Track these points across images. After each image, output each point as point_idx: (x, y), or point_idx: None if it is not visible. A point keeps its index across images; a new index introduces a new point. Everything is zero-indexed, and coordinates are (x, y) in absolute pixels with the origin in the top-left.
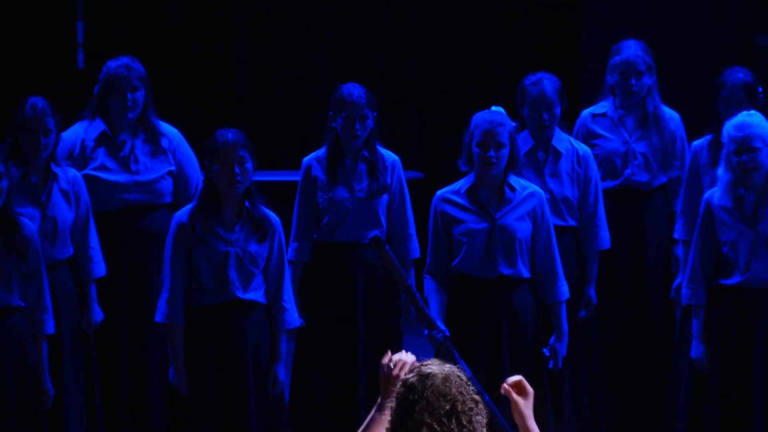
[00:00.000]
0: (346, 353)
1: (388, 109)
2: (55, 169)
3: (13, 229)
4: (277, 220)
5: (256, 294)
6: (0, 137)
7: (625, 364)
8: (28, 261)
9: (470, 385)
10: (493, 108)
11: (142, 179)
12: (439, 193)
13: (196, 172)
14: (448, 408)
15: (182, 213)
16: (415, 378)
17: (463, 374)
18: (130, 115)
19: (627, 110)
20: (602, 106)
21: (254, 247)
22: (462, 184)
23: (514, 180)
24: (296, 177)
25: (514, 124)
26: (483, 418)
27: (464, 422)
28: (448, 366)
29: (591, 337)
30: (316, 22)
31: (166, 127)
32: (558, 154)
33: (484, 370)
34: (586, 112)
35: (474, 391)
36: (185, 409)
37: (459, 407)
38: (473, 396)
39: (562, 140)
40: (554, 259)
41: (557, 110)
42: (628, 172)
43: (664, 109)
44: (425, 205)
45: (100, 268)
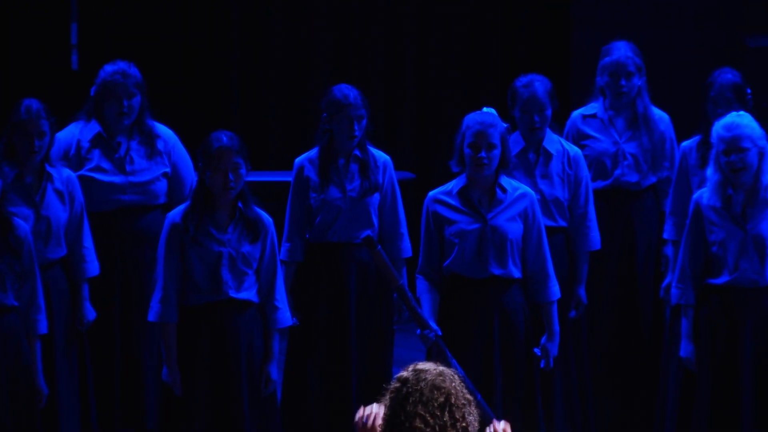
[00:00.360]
0: (339, 352)
1: (381, 110)
2: (50, 170)
3: (7, 229)
4: (270, 221)
5: (248, 293)
6: None
7: (615, 363)
8: (22, 261)
9: (464, 386)
10: (485, 109)
11: (137, 180)
12: (431, 194)
13: (191, 174)
14: (441, 400)
15: (175, 213)
16: (409, 373)
17: (457, 375)
18: (126, 121)
19: (617, 111)
20: (592, 107)
21: (247, 248)
22: (454, 185)
23: (506, 181)
24: (289, 177)
25: (505, 126)
26: (475, 419)
27: (457, 416)
28: (442, 366)
29: (581, 337)
30: (309, 23)
31: (162, 129)
32: (549, 156)
33: (476, 369)
34: (577, 113)
35: (467, 391)
36: (178, 408)
37: (453, 400)
38: (467, 395)
39: (553, 142)
40: (545, 259)
41: (548, 112)
42: (618, 172)
43: (654, 109)
44: (417, 206)
45: (93, 267)
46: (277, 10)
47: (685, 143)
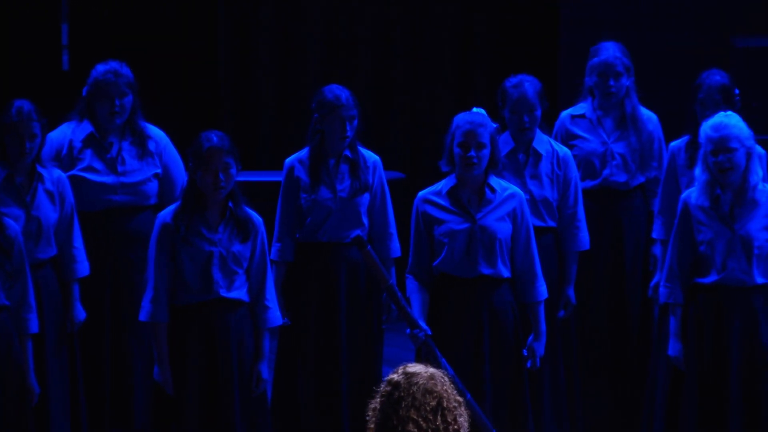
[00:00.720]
0: (329, 352)
1: (371, 110)
2: (40, 170)
3: None
4: (260, 221)
5: (239, 293)
6: None
7: (603, 362)
8: (12, 260)
9: (454, 387)
10: (475, 109)
11: (129, 181)
12: (421, 194)
13: (182, 174)
14: (434, 404)
15: (166, 213)
16: (400, 376)
17: (447, 375)
18: (118, 120)
19: (605, 111)
20: (581, 108)
21: (237, 247)
22: (443, 185)
23: (495, 181)
24: (279, 178)
25: (495, 126)
26: (466, 420)
27: (449, 419)
28: (432, 368)
29: (570, 337)
30: (298, 24)
31: (153, 130)
32: (538, 156)
33: (465, 368)
34: (565, 114)
35: (457, 392)
36: (170, 407)
37: (445, 404)
38: (457, 397)
39: (543, 142)
40: (533, 259)
41: (538, 112)
42: (606, 172)
43: (642, 110)
44: (407, 205)
45: (83, 267)
46: (267, 10)
47: (673, 143)
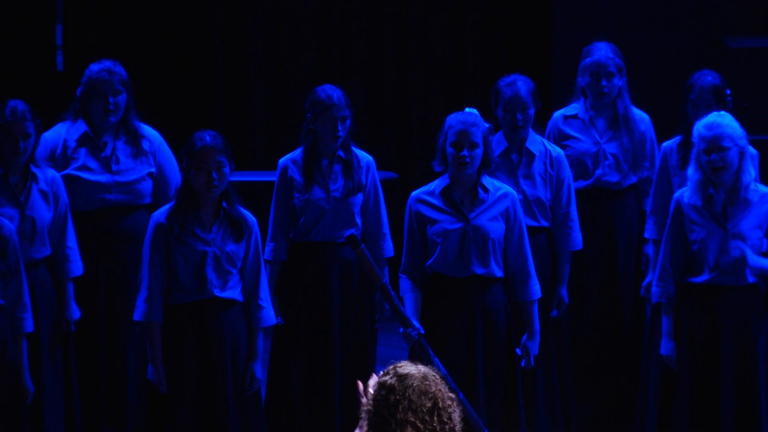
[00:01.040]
0: (323, 351)
1: (363, 110)
2: (34, 170)
3: None
4: (254, 221)
5: (233, 292)
6: None
7: (596, 361)
8: (7, 260)
9: (445, 383)
10: (467, 110)
11: (123, 180)
12: (414, 193)
13: (176, 174)
14: (429, 405)
15: (160, 213)
16: (393, 379)
17: (438, 373)
18: (112, 118)
19: (598, 111)
20: (573, 108)
21: (231, 247)
22: (436, 185)
23: (488, 181)
24: (272, 177)
25: (487, 125)
26: (458, 416)
27: (445, 419)
28: (422, 366)
29: (563, 336)
30: (291, 24)
31: (147, 130)
32: (531, 156)
33: (458, 367)
34: (558, 114)
35: (448, 388)
36: (164, 407)
37: (440, 404)
38: (449, 394)
39: (536, 142)
40: (526, 259)
41: (531, 111)
42: (599, 172)
43: (634, 110)
44: (400, 205)
45: (77, 267)
46: (259, 11)
47: (666, 144)
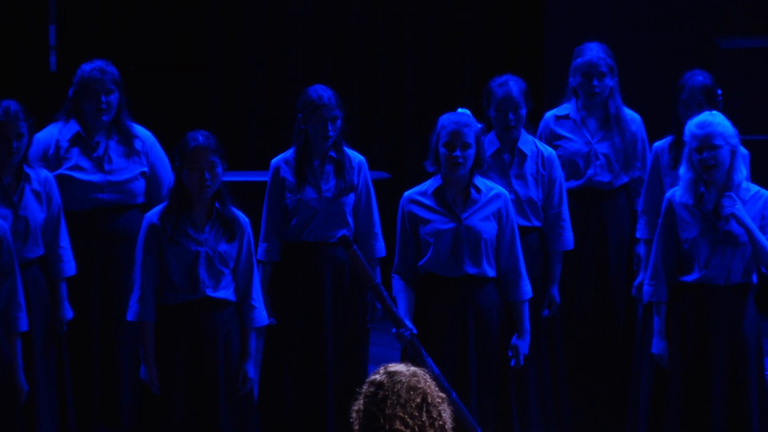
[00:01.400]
0: (315, 351)
1: (356, 111)
2: (27, 170)
3: None
4: (246, 221)
5: (225, 292)
6: None
7: (587, 361)
8: (1, 259)
9: (436, 383)
10: (460, 110)
11: (116, 179)
12: (407, 194)
13: (168, 174)
14: (418, 401)
15: (153, 213)
16: (382, 376)
17: (431, 372)
18: (104, 117)
19: (589, 111)
20: (565, 108)
21: (224, 247)
22: (429, 185)
23: (480, 181)
24: (265, 178)
25: (480, 126)
26: (449, 416)
27: (434, 415)
28: (412, 366)
29: (555, 336)
30: (285, 25)
31: (140, 130)
32: (523, 156)
33: (451, 367)
34: (549, 114)
35: (442, 391)
36: (156, 406)
37: (429, 399)
38: (440, 393)
39: (528, 142)
40: (518, 259)
41: (523, 111)
42: (590, 172)
43: (626, 110)
44: (392, 205)
45: (70, 267)
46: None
47: (657, 144)
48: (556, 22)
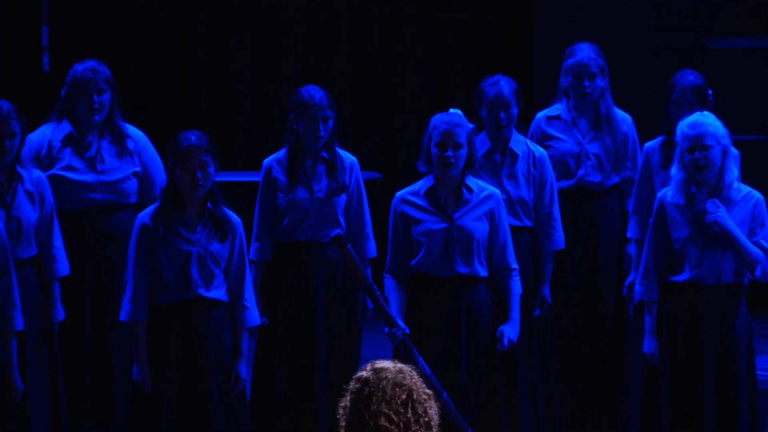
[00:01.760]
0: (307, 351)
1: (348, 111)
2: (20, 171)
3: None
4: (238, 221)
5: (218, 292)
6: None
7: (579, 361)
8: None
9: (428, 384)
10: (451, 110)
11: (108, 179)
12: (399, 194)
13: (161, 174)
14: (404, 397)
15: (145, 214)
16: (369, 373)
17: (422, 371)
18: (97, 117)
19: (580, 112)
20: (556, 108)
21: (216, 247)
22: (421, 186)
23: (472, 181)
24: (257, 178)
25: (471, 126)
26: (436, 413)
27: (420, 411)
28: (399, 363)
29: (547, 336)
30: (277, 25)
31: (132, 130)
32: (515, 156)
33: (442, 367)
34: (541, 115)
35: (434, 391)
36: (149, 406)
37: (415, 396)
38: (426, 390)
39: (519, 143)
40: (510, 258)
41: (514, 111)
42: (581, 172)
43: (616, 110)
44: (384, 206)
45: (63, 267)
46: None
47: (648, 144)
48: (547, 23)
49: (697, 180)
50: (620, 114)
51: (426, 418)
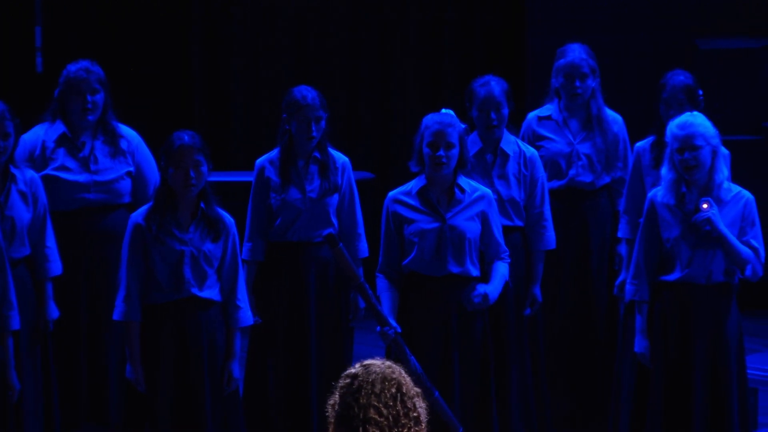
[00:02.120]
0: (299, 350)
1: (341, 111)
2: (13, 171)
3: None
4: (231, 221)
5: (211, 292)
6: None
7: (569, 361)
8: None
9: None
10: (444, 110)
11: (102, 179)
12: (391, 194)
13: (154, 174)
14: (393, 391)
15: (138, 214)
16: (358, 368)
17: (410, 370)
18: (90, 117)
19: (571, 112)
20: (547, 109)
21: (209, 247)
22: (413, 186)
23: (464, 181)
24: (250, 178)
25: (463, 126)
26: (424, 409)
27: (409, 406)
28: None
29: (538, 336)
30: (271, 25)
31: (125, 130)
32: (506, 157)
33: (434, 366)
34: (532, 115)
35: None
36: (142, 405)
37: (404, 389)
38: (414, 387)
39: (510, 143)
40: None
41: (505, 111)
42: (572, 172)
43: (607, 111)
44: (377, 206)
45: (56, 266)
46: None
47: (638, 144)
48: (538, 24)
49: (688, 180)
50: (611, 114)
51: (415, 413)
